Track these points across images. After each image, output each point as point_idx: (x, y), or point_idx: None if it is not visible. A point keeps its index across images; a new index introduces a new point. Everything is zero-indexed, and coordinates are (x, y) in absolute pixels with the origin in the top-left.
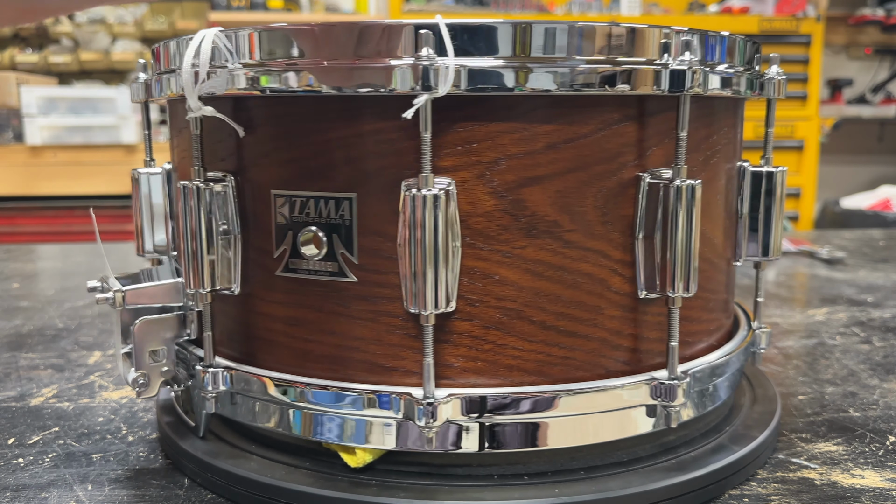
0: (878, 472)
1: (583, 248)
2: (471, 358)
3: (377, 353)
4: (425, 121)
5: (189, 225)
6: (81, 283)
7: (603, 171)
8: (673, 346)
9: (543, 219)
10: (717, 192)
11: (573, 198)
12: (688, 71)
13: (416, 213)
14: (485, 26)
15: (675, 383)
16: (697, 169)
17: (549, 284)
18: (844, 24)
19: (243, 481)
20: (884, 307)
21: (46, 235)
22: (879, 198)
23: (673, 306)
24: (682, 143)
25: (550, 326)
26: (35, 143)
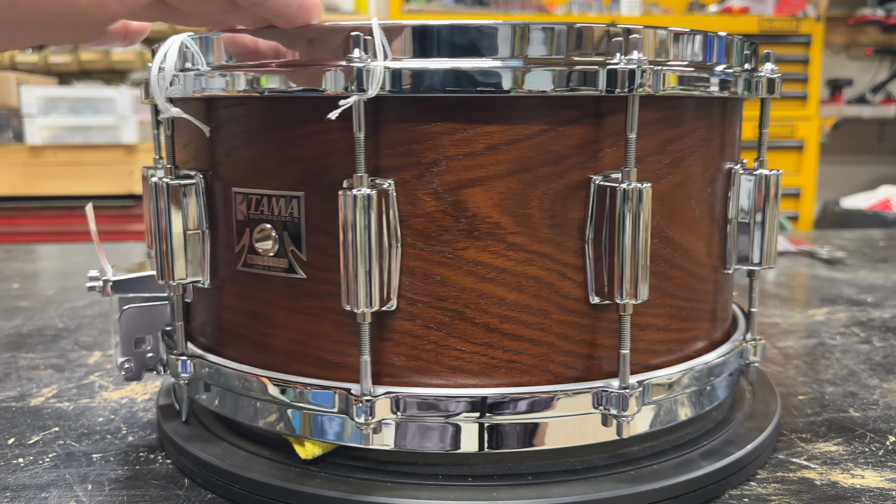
0: (878, 472)
1: (528, 250)
2: (413, 357)
3: (325, 349)
4: (359, 121)
5: (159, 220)
6: (81, 283)
7: (549, 174)
8: (624, 354)
9: (485, 220)
10: (691, 195)
11: (517, 200)
12: (637, 70)
13: (348, 213)
14: (431, 27)
15: (627, 392)
16: (662, 171)
17: (492, 287)
18: (844, 24)
19: (208, 466)
20: (884, 307)
21: (46, 235)
22: (879, 198)
23: (623, 313)
24: (631, 145)
25: (494, 329)
26: (35, 143)
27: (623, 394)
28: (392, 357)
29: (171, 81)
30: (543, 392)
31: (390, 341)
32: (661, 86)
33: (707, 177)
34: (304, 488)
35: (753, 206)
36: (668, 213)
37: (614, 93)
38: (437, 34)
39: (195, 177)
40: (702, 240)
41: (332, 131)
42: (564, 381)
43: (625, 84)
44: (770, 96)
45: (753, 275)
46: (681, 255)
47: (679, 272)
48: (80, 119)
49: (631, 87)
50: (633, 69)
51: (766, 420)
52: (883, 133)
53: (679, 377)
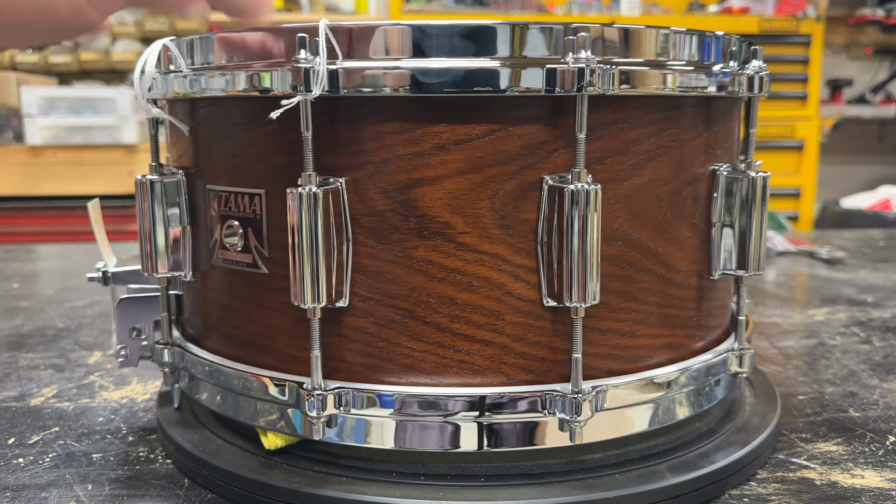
0: (878, 472)
1: (478, 251)
2: (366, 354)
3: (286, 343)
4: (306, 121)
5: (143, 216)
6: (82, 283)
7: (499, 174)
8: (576, 358)
9: (435, 220)
10: (660, 198)
11: (466, 200)
12: (586, 69)
13: (294, 211)
14: (379, 28)
15: (579, 397)
16: (625, 172)
17: (442, 286)
18: (844, 24)
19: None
20: (884, 307)
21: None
22: (879, 198)
23: (575, 316)
24: (581, 146)
25: (444, 329)
26: (35, 143)
27: (576, 398)
28: (346, 353)
29: (151, 85)
30: (494, 394)
31: (345, 337)
32: (610, 86)
33: (682, 179)
34: (263, 478)
35: (738, 209)
36: (632, 216)
37: (555, 92)
38: (384, 35)
39: (177, 174)
40: (676, 244)
41: (289, 130)
42: (518, 383)
43: (573, 84)
44: (752, 94)
45: (740, 282)
46: (649, 259)
47: (648, 276)
48: (80, 119)
49: (580, 87)
50: (581, 68)
51: (766, 420)
52: (883, 133)
53: (640, 383)
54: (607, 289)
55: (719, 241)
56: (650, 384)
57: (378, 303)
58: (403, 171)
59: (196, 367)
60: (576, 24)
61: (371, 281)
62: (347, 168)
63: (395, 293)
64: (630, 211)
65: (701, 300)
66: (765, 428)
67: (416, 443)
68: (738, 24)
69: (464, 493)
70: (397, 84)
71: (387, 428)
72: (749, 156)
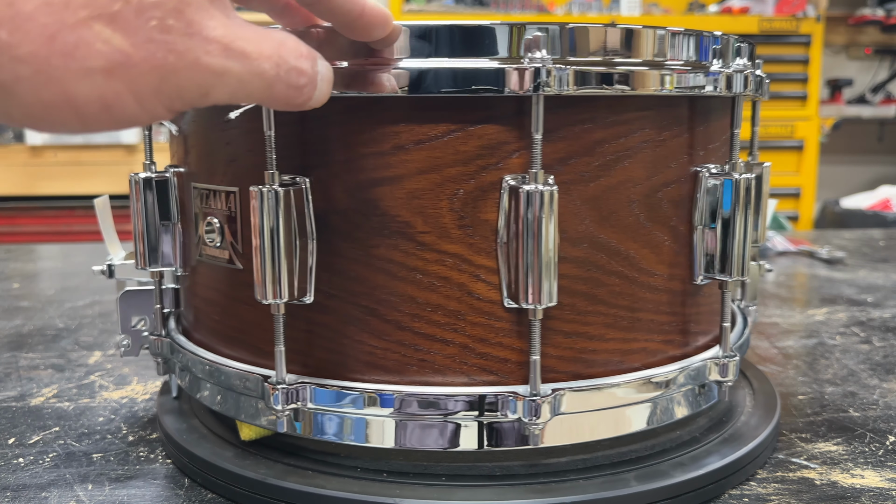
0: (878, 472)
1: (438, 250)
2: (331, 350)
3: (259, 338)
4: (268, 120)
5: (136, 213)
6: (81, 283)
7: (459, 174)
8: (534, 360)
9: (395, 219)
10: (631, 199)
11: (426, 200)
12: (542, 70)
13: (256, 209)
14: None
15: (538, 400)
16: (591, 173)
17: (403, 285)
18: (844, 24)
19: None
20: (884, 307)
21: (46, 235)
22: (879, 198)
23: (533, 318)
24: (537, 146)
25: (405, 327)
26: (35, 143)
27: (534, 401)
28: (311, 349)
29: None
30: (452, 394)
31: (310, 333)
32: (566, 86)
33: (656, 181)
34: (232, 467)
35: (721, 212)
36: (600, 217)
37: (510, 93)
38: (337, 36)
39: (168, 173)
40: (651, 247)
41: (260, 130)
42: (479, 384)
43: (529, 84)
44: (736, 94)
45: (724, 287)
46: (619, 262)
47: (617, 280)
48: None
49: (536, 87)
50: (537, 68)
51: (766, 420)
52: (883, 133)
53: (606, 388)
54: (573, 291)
55: (702, 244)
56: (617, 389)
57: (342, 300)
58: (365, 170)
59: (184, 358)
60: (531, 23)
61: (335, 278)
62: (314, 167)
63: (357, 291)
64: (597, 213)
65: (683, 305)
66: (765, 428)
67: (379, 440)
68: (738, 24)
69: (421, 492)
70: (360, 85)
71: (349, 423)
72: (733, 157)
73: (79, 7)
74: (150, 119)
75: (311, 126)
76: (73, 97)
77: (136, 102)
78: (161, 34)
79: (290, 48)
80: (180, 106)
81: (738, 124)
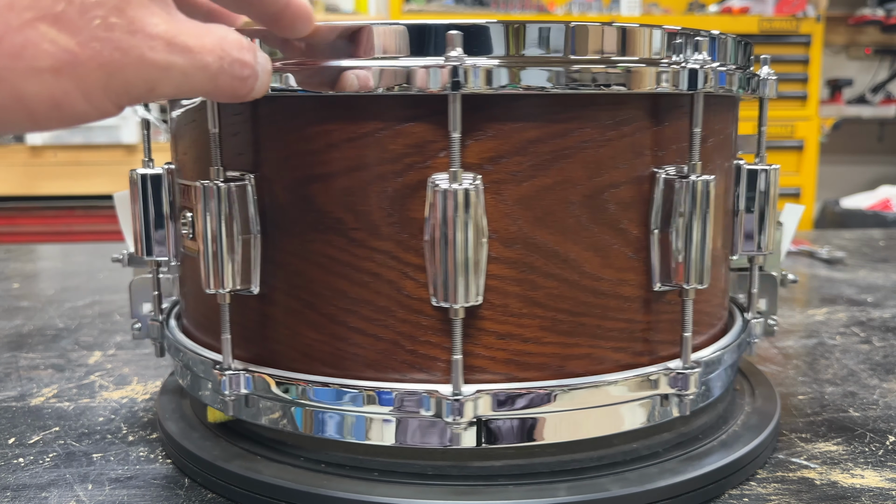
0: (878, 472)
1: (369, 247)
2: (276, 340)
3: (218, 325)
4: (213, 118)
5: (134, 207)
6: (81, 283)
7: (387, 172)
8: (456, 360)
9: (329, 215)
10: (570, 201)
11: (356, 197)
12: (460, 68)
13: (199, 203)
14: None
15: (460, 398)
16: (524, 173)
17: (337, 279)
18: (844, 24)
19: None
20: (884, 307)
21: (46, 235)
22: (879, 198)
23: (454, 317)
24: (455, 145)
25: (339, 321)
26: (35, 142)
27: (457, 401)
28: (260, 338)
29: None
30: (377, 388)
31: (260, 323)
32: (475, 84)
33: (600, 181)
34: (232, 467)
35: (676, 216)
36: (535, 218)
37: (427, 91)
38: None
39: (161, 169)
40: (595, 250)
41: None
42: (408, 381)
43: (446, 83)
44: (696, 91)
45: (684, 294)
46: (557, 265)
47: (556, 282)
48: None
49: (454, 85)
50: (454, 67)
51: (766, 420)
52: (883, 133)
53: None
54: (506, 292)
55: (658, 250)
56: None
57: (284, 292)
58: (301, 167)
59: (168, 342)
60: (450, 21)
61: (279, 271)
62: (259, 164)
63: (297, 284)
64: (531, 213)
65: (639, 312)
66: (764, 428)
67: (313, 429)
68: (737, 24)
69: (345, 485)
70: (294, 84)
71: (289, 412)
72: (693, 158)
73: (23, 9)
74: (99, 116)
75: (259, 124)
76: (23, 97)
77: (85, 100)
78: (105, 32)
79: (231, 41)
80: (128, 101)
81: (697, 123)
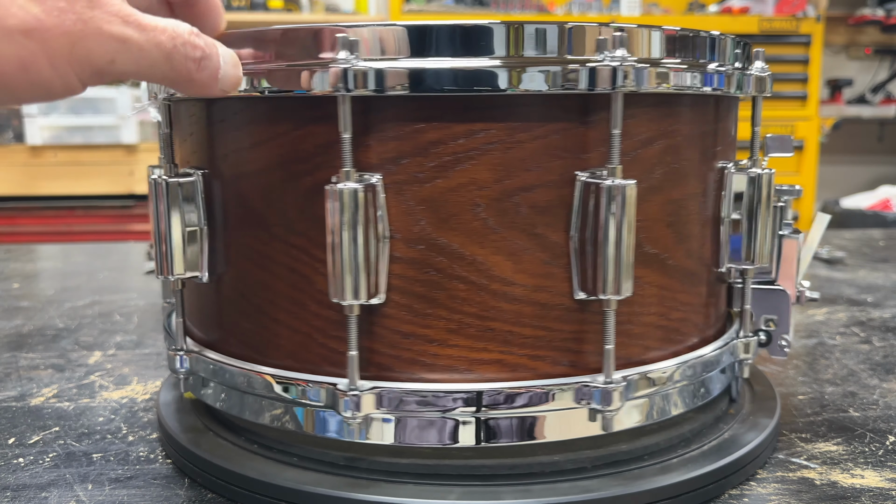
0: (878, 471)
1: (287, 242)
2: (221, 327)
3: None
4: (166, 117)
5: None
6: (82, 283)
7: (301, 171)
8: (352, 356)
9: (254, 211)
10: (475, 203)
11: (276, 194)
12: (350, 71)
13: (151, 196)
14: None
15: (356, 394)
16: (426, 175)
17: (260, 272)
18: (844, 24)
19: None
20: (884, 307)
21: (46, 235)
22: (879, 198)
23: (350, 314)
24: (346, 145)
25: (264, 312)
26: (35, 143)
27: (353, 395)
28: (213, 325)
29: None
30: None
31: (212, 311)
32: (362, 86)
33: (510, 184)
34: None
35: (594, 223)
36: (438, 220)
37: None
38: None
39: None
40: (505, 254)
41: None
42: (324, 373)
43: (336, 84)
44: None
45: (604, 305)
46: (463, 267)
47: (463, 285)
48: (81, 119)
49: (345, 87)
50: (345, 69)
51: (766, 420)
52: (883, 133)
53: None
54: (410, 292)
55: (576, 257)
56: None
57: (226, 283)
58: (233, 165)
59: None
60: (340, 24)
61: (221, 262)
62: (210, 162)
63: (233, 275)
64: (435, 214)
65: (561, 321)
66: (765, 428)
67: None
68: (738, 24)
69: (289, 474)
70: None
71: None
72: (612, 161)
73: None
74: (63, 87)
75: (206, 126)
76: None
77: (51, 65)
78: (68, 4)
79: (182, 27)
80: (90, 72)
81: (616, 124)
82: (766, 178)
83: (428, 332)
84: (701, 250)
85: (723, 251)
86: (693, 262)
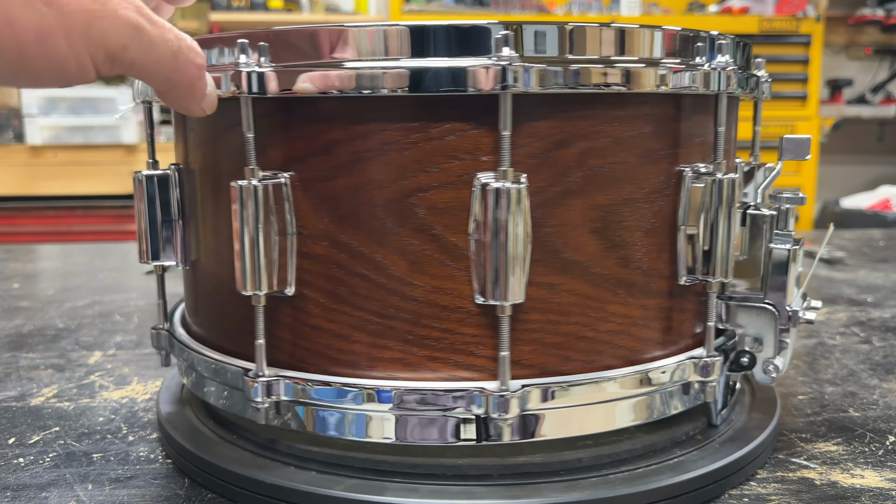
0: (878, 471)
1: (226, 235)
2: (195, 311)
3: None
4: (148, 119)
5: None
6: (82, 283)
7: (230, 168)
8: (259, 344)
9: (206, 203)
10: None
11: (209, 189)
12: (253, 74)
13: (134, 188)
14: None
15: (265, 381)
16: (328, 173)
17: (213, 262)
18: (844, 24)
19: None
20: (884, 307)
21: (46, 235)
22: (879, 198)
23: (257, 304)
24: (248, 144)
25: (214, 300)
26: (35, 143)
27: (262, 382)
28: (191, 312)
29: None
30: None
31: (189, 295)
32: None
33: (406, 185)
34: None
35: (490, 226)
36: (339, 218)
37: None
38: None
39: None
40: (403, 255)
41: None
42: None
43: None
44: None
45: (498, 311)
46: (363, 265)
47: (364, 283)
48: (81, 119)
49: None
50: (248, 72)
51: (766, 420)
52: (883, 133)
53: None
54: (316, 287)
55: (475, 260)
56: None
57: (200, 266)
58: (195, 161)
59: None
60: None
61: (193, 248)
62: (181, 157)
63: (203, 260)
64: (336, 212)
65: (460, 324)
66: (765, 428)
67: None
68: (737, 24)
69: (289, 474)
70: None
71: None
72: (502, 163)
73: None
74: (77, 67)
75: (186, 125)
76: (14, 22)
77: (67, 41)
78: None
79: (184, 34)
80: (103, 56)
81: (506, 126)
82: (726, 183)
83: (332, 326)
84: (646, 260)
85: (681, 262)
86: (633, 272)
